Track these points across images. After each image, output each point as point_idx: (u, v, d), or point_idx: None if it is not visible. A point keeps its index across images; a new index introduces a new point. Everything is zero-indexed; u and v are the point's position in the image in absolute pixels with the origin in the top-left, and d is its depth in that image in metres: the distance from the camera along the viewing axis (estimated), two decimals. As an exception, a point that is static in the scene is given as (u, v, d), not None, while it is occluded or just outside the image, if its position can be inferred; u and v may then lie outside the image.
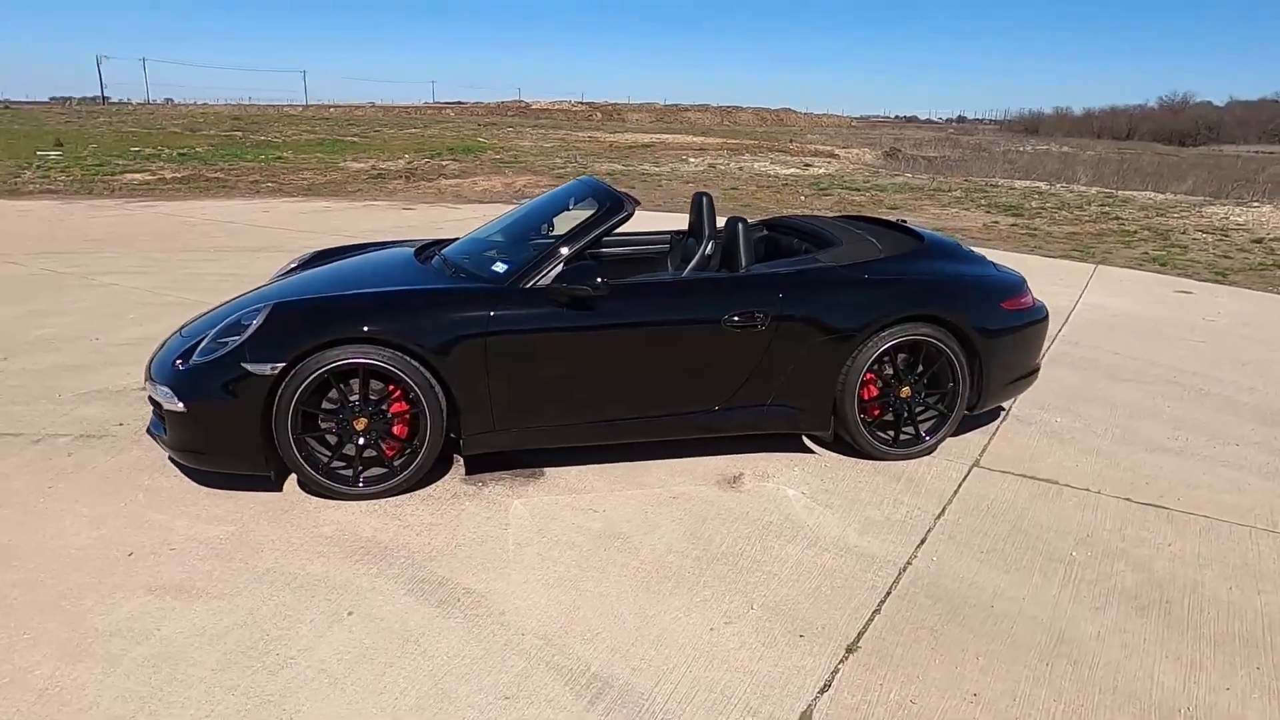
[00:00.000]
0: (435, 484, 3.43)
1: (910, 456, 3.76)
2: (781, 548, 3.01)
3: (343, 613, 2.56)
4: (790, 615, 2.60)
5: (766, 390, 3.56)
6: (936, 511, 3.31)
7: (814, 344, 3.53)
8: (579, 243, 3.42)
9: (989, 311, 3.74)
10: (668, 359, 3.43)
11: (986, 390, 3.81)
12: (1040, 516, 3.29)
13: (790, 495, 3.41)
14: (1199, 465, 3.82)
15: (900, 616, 2.62)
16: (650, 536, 3.06)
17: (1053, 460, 3.83)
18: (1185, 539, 3.15)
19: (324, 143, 26.04)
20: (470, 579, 2.76)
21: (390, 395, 3.22)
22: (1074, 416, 4.39)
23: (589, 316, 3.31)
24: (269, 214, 11.96)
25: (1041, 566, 2.93)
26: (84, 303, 6.44)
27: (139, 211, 11.97)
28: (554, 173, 18.30)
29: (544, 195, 4.19)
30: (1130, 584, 2.84)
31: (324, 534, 3.03)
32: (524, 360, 3.29)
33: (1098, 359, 5.43)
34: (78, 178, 15.54)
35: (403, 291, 3.32)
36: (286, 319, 3.14)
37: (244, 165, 18.23)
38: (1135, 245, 10.22)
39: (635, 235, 4.79)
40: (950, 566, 2.91)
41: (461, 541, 3.00)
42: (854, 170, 22.39)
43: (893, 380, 3.70)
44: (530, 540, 3.02)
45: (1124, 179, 22.94)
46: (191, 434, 3.15)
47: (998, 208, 13.61)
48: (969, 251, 4.11)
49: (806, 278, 3.59)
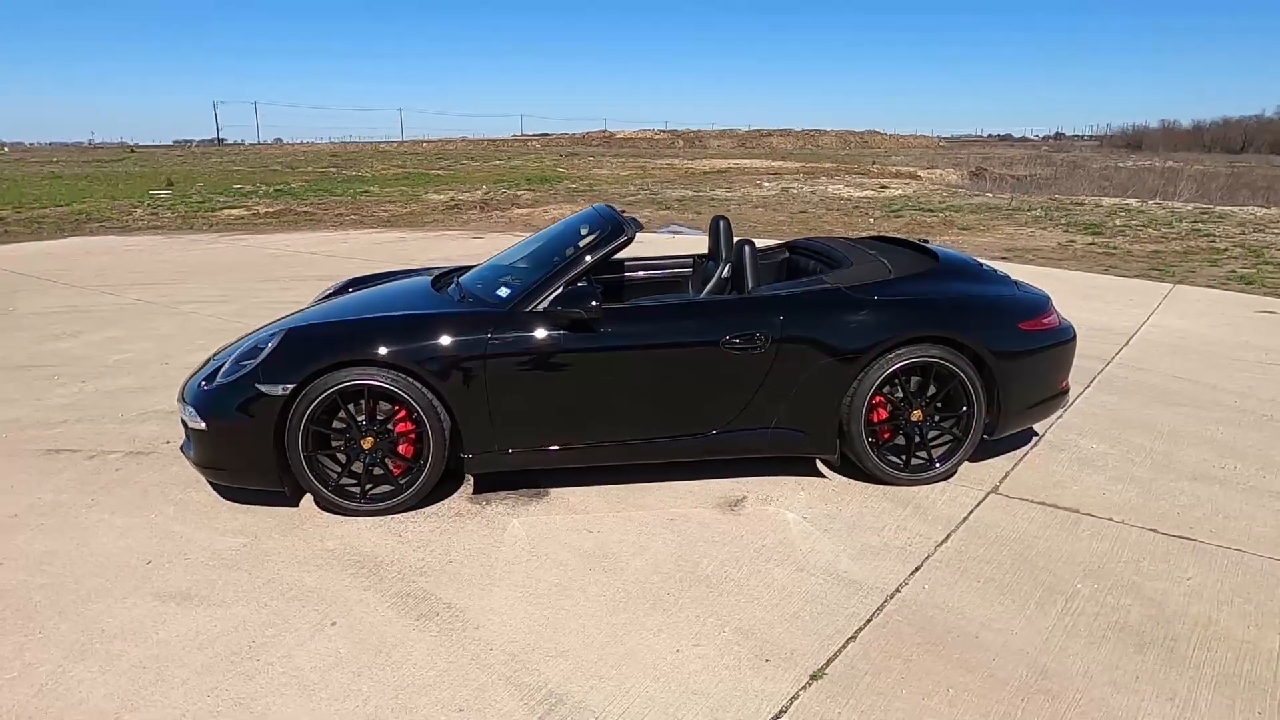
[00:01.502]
0: (441, 502, 3.54)
1: (922, 482, 3.65)
2: (769, 572, 2.97)
3: (327, 623, 2.68)
4: (761, 639, 2.57)
5: (769, 413, 3.54)
6: (940, 538, 3.21)
7: (817, 366, 3.50)
8: (578, 267, 3.50)
9: (1004, 332, 3.62)
10: (666, 381, 3.46)
11: (1004, 415, 3.68)
12: (1051, 546, 3.15)
13: (789, 519, 3.37)
14: (1242, 496, 3.58)
15: (876, 645, 2.55)
16: (639, 557, 3.08)
17: (1078, 488, 3.66)
18: (1208, 573, 2.96)
19: (409, 176, 27.20)
20: (454, 594, 2.84)
21: (395, 415, 3.36)
22: (1112, 443, 4.18)
23: (587, 339, 3.38)
24: (347, 245, 12.56)
25: (1040, 598, 2.80)
26: (162, 329, 6.92)
27: (230, 245, 12.77)
28: (624, 199, 18.58)
29: (559, 223, 4.29)
30: (1135, 619, 2.68)
31: (327, 547, 3.17)
32: (523, 382, 3.37)
33: (1153, 383, 5.14)
34: (182, 214, 16.70)
35: (406, 316, 3.46)
36: (298, 343, 3.33)
37: (332, 199, 19.22)
38: (1222, 263, 9.63)
39: (660, 259, 4.86)
40: (941, 595, 2.82)
41: (453, 558, 3.08)
42: (932, 191, 21.88)
43: (903, 403, 3.62)
44: (520, 558, 3.08)
45: (1231, 194, 21.67)
46: (212, 451, 3.36)
47: (1077, 226, 13.06)
48: (989, 271, 3.99)
49: (809, 299, 3.56)
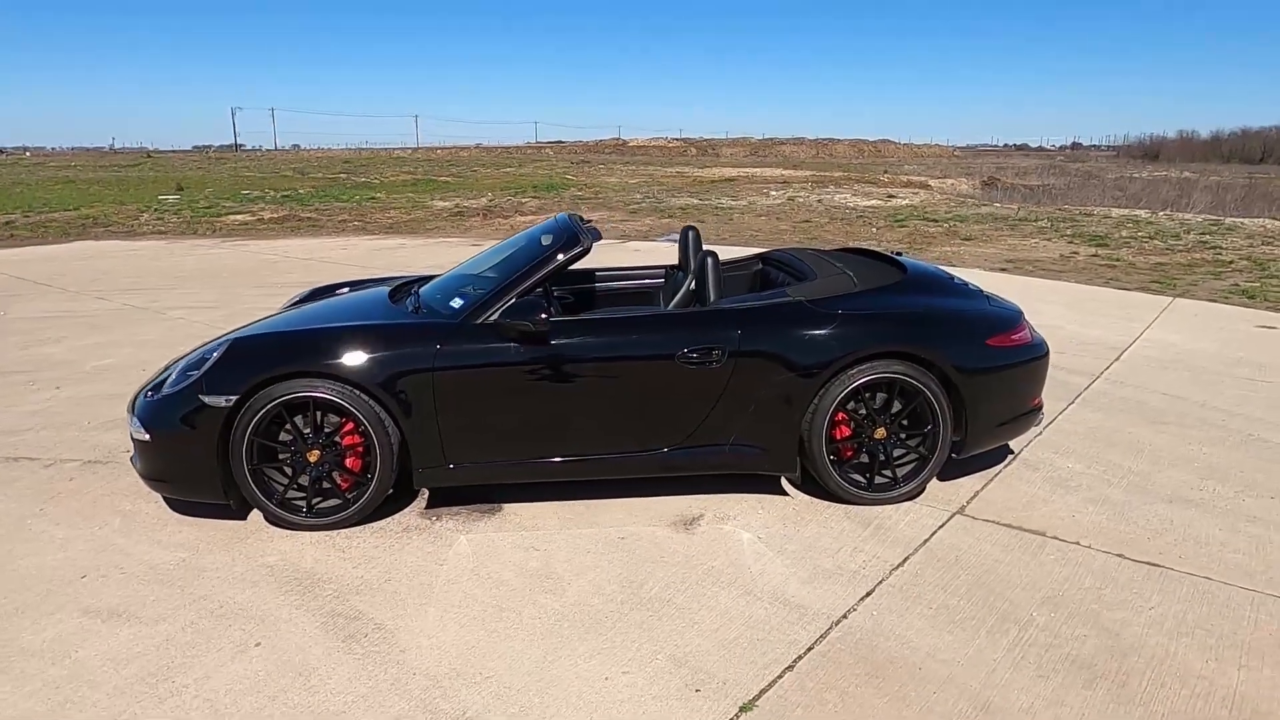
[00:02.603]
0: (392, 516, 3.47)
1: (886, 502, 3.55)
2: (714, 595, 2.88)
3: (252, 643, 2.61)
4: (695, 667, 2.48)
5: (727, 429, 3.45)
6: (896, 562, 3.10)
7: (776, 382, 3.41)
8: (531, 279, 3.42)
9: (971, 348, 3.52)
10: (619, 396, 3.38)
11: (972, 433, 3.57)
12: (1012, 571, 3.04)
13: (744, 539, 3.28)
14: (1218, 520, 3.45)
15: (814, 675, 2.45)
16: (583, 578, 3.00)
17: (1048, 509, 3.54)
18: (1172, 602, 2.84)
19: (418, 183, 27.29)
20: (386, 614, 2.76)
21: (343, 428, 3.30)
22: (1090, 462, 4.05)
23: (537, 352, 3.31)
24: (346, 251, 12.57)
25: (992, 627, 2.69)
26: (148, 335, 6.90)
27: (231, 250, 12.81)
28: (628, 208, 18.54)
29: (521, 233, 4.23)
30: (1088, 651, 2.57)
31: (267, 563, 3.10)
32: (472, 396, 3.30)
33: (1139, 399, 5.01)
34: (187, 219, 16.80)
35: (353, 327, 3.40)
36: (242, 354, 3.27)
37: (337, 205, 19.29)
38: (1226, 276, 9.45)
39: (632, 269, 4.78)
40: (889, 623, 2.71)
41: (393, 576, 3.01)
42: (940, 201, 21.69)
43: (867, 421, 3.52)
44: (461, 577, 3.00)
45: (1246, 206, 21.38)
46: (156, 463, 3.30)
47: (1082, 237, 12.88)
48: (960, 284, 3.88)
49: (768, 313, 3.47)
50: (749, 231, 14.48)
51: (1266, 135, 74.20)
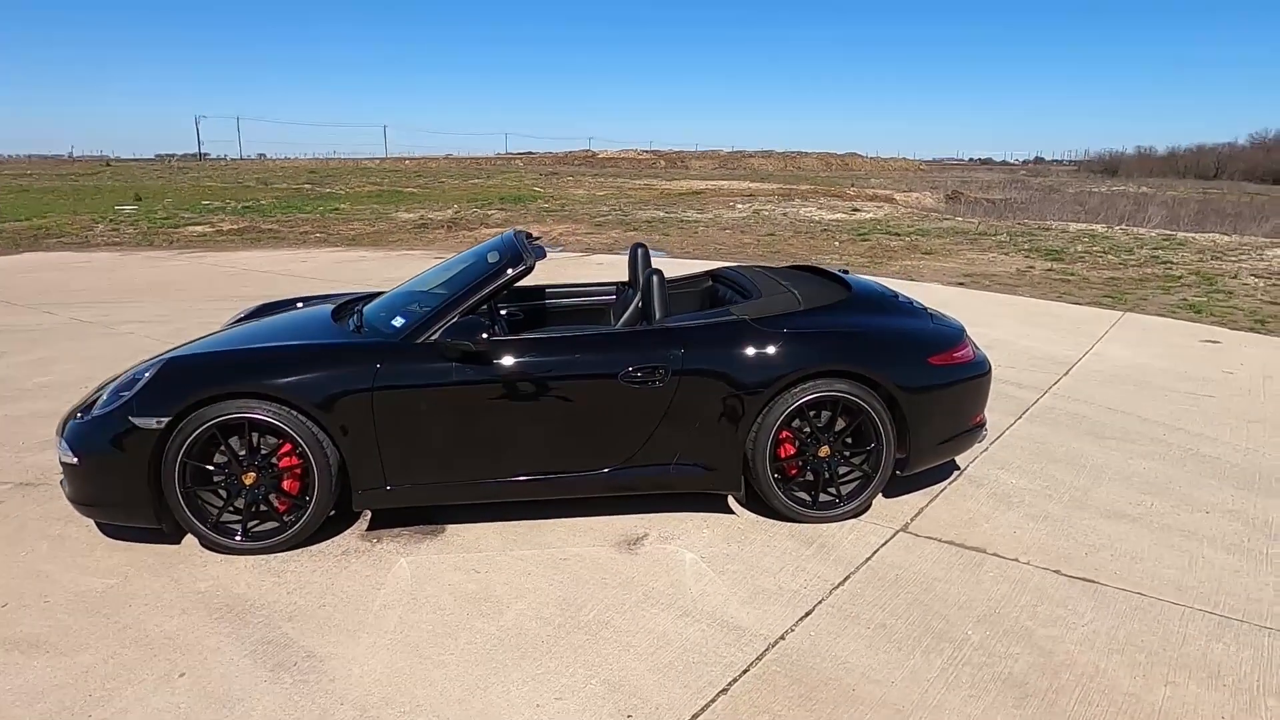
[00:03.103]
0: (331, 539, 3.41)
1: (830, 520, 3.56)
2: (652, 617, 2.86)
3: (176, 673, 2.54)
4: (628, 692, 2.46)
5: (671, 449, 3.44)
6: (837, 581, 3.11)
7: (720, 401, 3.41)
8: (473, 297, 3.40)
9: (914, 367, 3.55)
10: (562, 416, 3.36)
11: (915, 451, 3.60)
12: (950, 589, 3.06)
13: (687, 559, 3.26)
14: (1153, 535, 3.51)
15: (747, 698, 2.44)
16: (521, 601, 2.96)
17: (989, 526, 3.58)
18: (1105, 619, 2.88)
19: (383, 194, 27.07)
20: (317, 641, 2.71)
21: (280, 450, 3.23)
22: (1033, 477, 4.11)
23: (479, 372, 3.28)
24: (306, 264, 12.41)
25: (928, 646, 2.71)
26: (93, 351, 6.74)
27: (187, 262, 12.59)
28: (594, 220, 18.55)
29: (469, 250, 4.20)
30: (1020, 669, 2.59)
31: (198, 589, 3.03)
32: (413, 416, 3.26)
33: (1085, 414, 5.09)
34: (144, 230, 16.49)
35: (291, 347, 3.34)
36: (175, 374, 3.20)
37: (300, 217, 19.06)
38: (1175, 291, 9.67)
39: (584, 286, 4.77)
40: (826, 643, 2.72)
41: (328, 601, 2.95)
42: (904, 215, 21.98)
43: (811, 439, 3.53)
44: (397, 602, 2.95)
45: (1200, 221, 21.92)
46: (85, 487, 3.21)
47: (1039, 252, 13.12)
48: (904, 302, 3.92)
49: (711, 331, 3.48)
50: (713, 245, 14.54)
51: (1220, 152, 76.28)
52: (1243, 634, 2.79)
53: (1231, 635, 2.78)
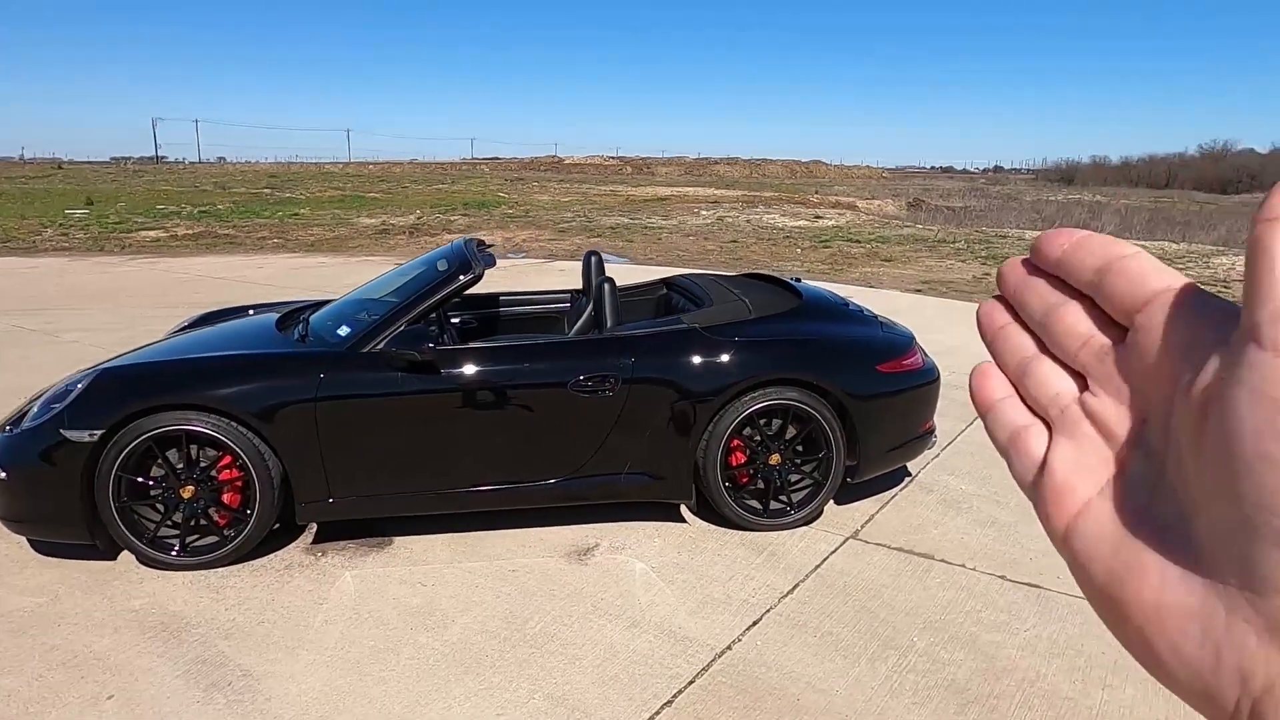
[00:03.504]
0: (275, 553, 3.33)
1: (781, 527, 3.57)
2: (600, 628, 2.84)
3: (103, 696, 2.46)
4: (572, 706, 2.43)
5: (622, 458, 3.42)
6: (786, 589, 3.12)
7: (670, 409, 3.40)
8: (419, 306, 3.35)
9: (862, 375, 3.58)
10: (511, 426, 3.33)
11: (865, 458, 3.62)
12: (897, 596, 3.08)
13: (637, 569, 3.25)
14: (1096, 539, 3.56)
15: (691, 710, 2.43)
16: (467, 614, 2.92)
17: (939, 532, 3.61)
18: (1047, 623, 2.91)
19: (345, 199, 26.75)
20: (254, 659, 2.64)
21: (220, 462, 3.16)
22: (982, 483, 4.16)
23: (425, 382, 3.23)
24: (263, 270, 12.20)
25: (874, 654, 2.72)
26: (35, 360, 6.54)
27: (139, 268, 12.31)
28: (557, 227, 18.50)
29: (418, 259, 4.15)
30: (963, 675, 2.61)
31: (132, 607, 2.94)
32: (358, 427, 3.21)
33: (1034, 420, 5.17)
34: (95, 235, 16.09)
35: (230, 357, 3.27)
36: (109, 386, 3.12)
37: (258, 221, 18.74)
38: (1125, 298, 9.89)
39: (539, 294, 4.74)
40: (772, 652, 2.71)
41: (268, 617, 2.88)
42: (866, 222, 22.26)
43: (761, 447, 3.53)
44: (340, 617, 2.89)
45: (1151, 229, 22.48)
46: (14, 503, 3.11)
47: (996, 259, 13.35)
48: (854, 310, 3.95)
49: (662, 340, 3.47)
50: (676, 251, 14.58)
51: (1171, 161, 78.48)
52: (1179, 636, 2.84)
53: (1168, 638, 2.83)
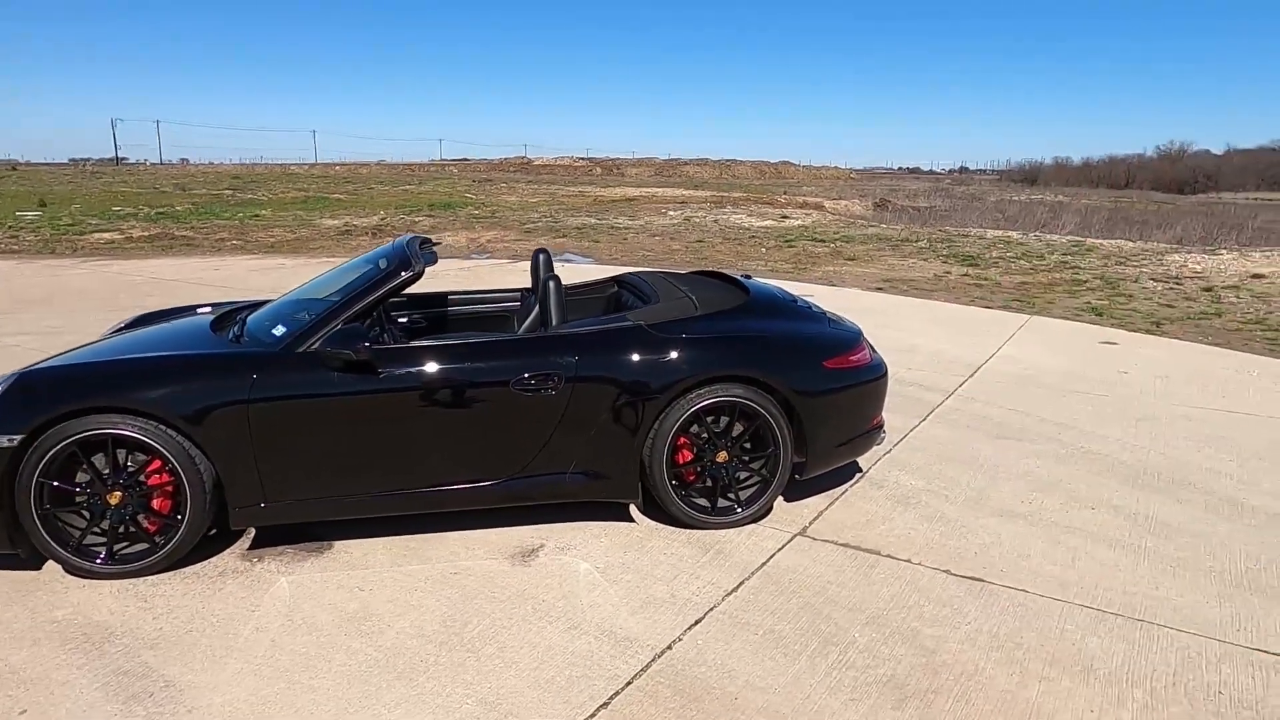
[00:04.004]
0: (209, 559, 3.24)
1: (728, 525, 3.54)
2: (540, 631, 2.79)
3: (16, 711, 2.36)
4: (505, 711, 2.38)
5: (567, 457, 3.38)
6: (731, 587, 3.09)
7: (614, 408, 3.36)
8: (357, 305, 3.28)
9: (809, 371, 3.56)
10: (452, 426, 3.27)
11: (812, 454, 3.61)
12: (842, 592, 3.07)
13: (581, 570, 3.20)
14: (1041, 532, 3.59)
15: (628, 711, 2.39)
16: (404, 619, 2.86)
17: (886, 527, 3.61)
18: (988, 617, 2.92)
19: (308, 200, 26.38)
20: (178, 669, 2.55)
21: (149, 467, 3.06)
22: (931, 478, 4.17)
23: (362, 382, 3.16)
24: (219, 271, 11.98)
25: (815, 650, 2.70)
26: (-27, 365, 6.34)
27: (90, 271, 12.01)
28: (523, 227, 18.39)
29: (360, 256, 4.07)
30: (903, 671, 2.60)
31: (55, 618, 2.84)
32: (293, 429, 3.13)
33: (987, 414, 5.21)
34: (46, 237, 15.68)
35: (158, 358, 3.18)
36: (30, 389, 3.01)
37: (217, 223, 18.41)
38: (1081, 295, 10.04)
39: (489, 293, 4.68)
40: (713, 651, 2.68)
41: (196, 626, 2.80)
42: (831, 222, 22.40)
43: (708, 445, 3.51)
44: (272, 624, 2.81)
45: (1110, 228, 22.87)
46: (-72, 511, 2.98)
47: (956, 258, 13.50)
48: (803, 306, 3.94)
49: (606, 338, 3.43)
50: (641, 251, 14.55)
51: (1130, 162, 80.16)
52: (1116, 627, 2.86)
53: (1106, 629, 2.85)
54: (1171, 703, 2.47)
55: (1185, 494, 4.02)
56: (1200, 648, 2.75)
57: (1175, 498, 3.98)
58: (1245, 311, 8.99)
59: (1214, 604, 3.02)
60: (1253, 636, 2.82)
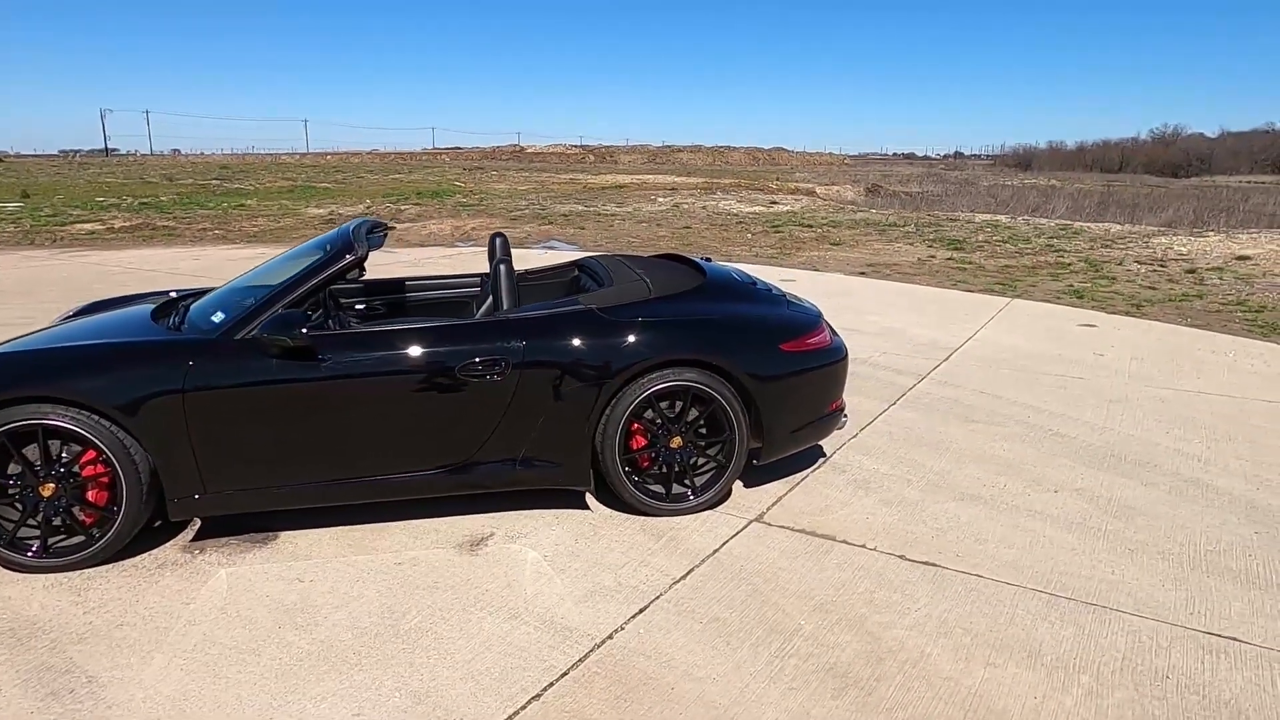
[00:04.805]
0: (151, 551, 3.18)
1: (683, 512, 3.49)
2: (479, 622, 2.73)
3: (-70, 708, 2.30)
4: (435, 704, 2.33)
5: (516, 444, 3.31)
6: (680, 574, 3.03)
7: (565, 393, 3.29)
8: (297, 290, 3.20)
9: (764, 354, 3.50)
10: (396, 414, 3.20)
11: (769, 440, 3.55)
12: (791, 579, 3.01)
13: (529, 559, 3.14)
14: (1001, 516, 3.54)
15: (560, 703, 2.33)
16: (342, 610, 2.80)
17: (845, 513, 3.55)
18: (939, 602, 2.87)
19: (295, 189, 26.20)
20: (104, 665, 2.49)
21: (83, 458, 2.99)
22: (895, 462, 4.11)
23: (303, 369, 3.09)
24: (198, 261, 11.87)
25: (759, 639, 2.65)
26: (-64, 357, 6.24)
27: (67, 262, 11.89)
28: (510, 215, 18.26)
29: (309, 241, 3.99)
30: (846, 658, 2.55)
31: (-17, 613, 2.77)
32: (231, 418, 3.06)
33: (957, 398, 5.16)
34: (25, 229, 15.53)
35: (91, 346, 3.10)
36: (-44, 379, 2.93)
37: (201, 213, 18.25)
38: (1063, 278, 9.98)
39: (448, 278, 4.60)
40: (654, 641, 2.63)
41: (128, 619, 2.73)
42: (821, 207, 22.30)
43: (662, 431, 3.45)
44: (205, 617, 2.75)
45: (1101, 211, 22.79)
46: None
47: (942, 242, 13.42)
48: (761, 289, 3.87)
49: (555, 322, 3.36)
50: (627, 238, 14.45)
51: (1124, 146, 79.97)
52: (1068, 612, 2.81)
53: (1058, 614, 2.80)
54: (1117, 688, 2.42)
55: (1151, 476, 3.97)
56: (1151, 632, 2.70)
57: (1141, 480, 3.93)
58: (1227, 293, 8.94)
59: (1169, 587, 2.98)
60: (1205, 620, 2.77)
